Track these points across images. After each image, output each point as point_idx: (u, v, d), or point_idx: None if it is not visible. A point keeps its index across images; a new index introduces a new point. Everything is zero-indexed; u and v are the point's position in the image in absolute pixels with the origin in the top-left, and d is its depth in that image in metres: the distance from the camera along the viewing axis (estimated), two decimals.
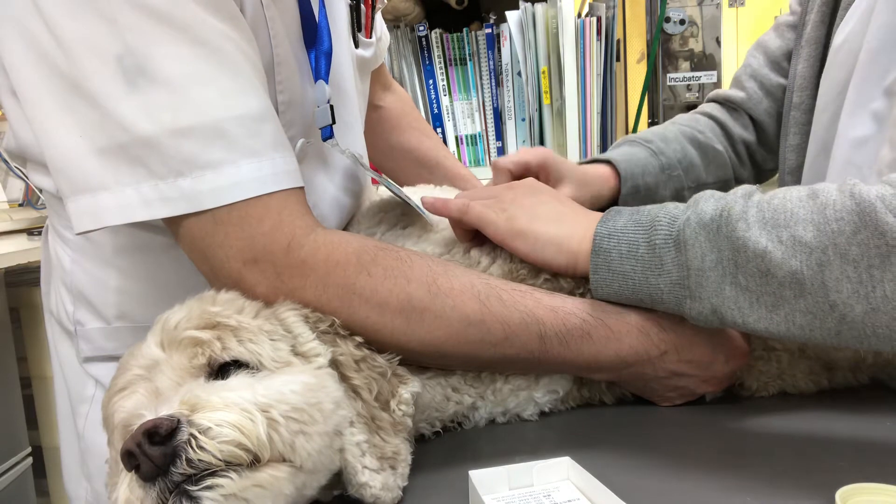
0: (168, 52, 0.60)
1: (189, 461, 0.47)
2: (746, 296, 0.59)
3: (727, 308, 0.60)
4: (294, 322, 0.60)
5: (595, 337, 0.66)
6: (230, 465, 0.48)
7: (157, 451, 0.47)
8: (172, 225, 0.65)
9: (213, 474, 0.47)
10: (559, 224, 0.70)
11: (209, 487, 0.47)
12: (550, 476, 0.56)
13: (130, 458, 0.47)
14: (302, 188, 0.66)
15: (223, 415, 0.49)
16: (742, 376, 0.74)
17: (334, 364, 0.59)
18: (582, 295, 0.72)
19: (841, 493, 0.49)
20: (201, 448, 0.47)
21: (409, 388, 0.62)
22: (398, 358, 0.64)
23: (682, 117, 1.11)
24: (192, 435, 0.47)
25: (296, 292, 0.63)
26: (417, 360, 0.66)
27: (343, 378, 0.59)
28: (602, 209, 0.71)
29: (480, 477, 0.54)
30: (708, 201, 0.63)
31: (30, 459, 1.87)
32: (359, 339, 0.63)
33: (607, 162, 0.95)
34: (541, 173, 0.85)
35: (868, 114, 0.81)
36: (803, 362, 0.73)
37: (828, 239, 0.56)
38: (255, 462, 0.49)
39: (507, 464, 0.56)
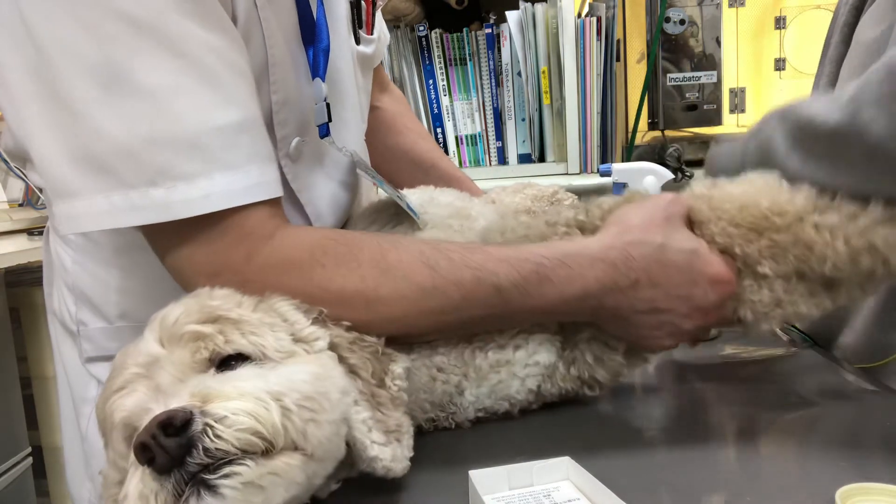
0: (147, 63, 0.59)
1: (206, 450, 0.47)
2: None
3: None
4: (289, 311, 0.60)
5: (555, 278, 0.65)
6: (246, 453, 0.48)
7: (172, 442, 0.47)
8: (146, 235, 0.65)
9: (229, 463, 0.47)
10: None
11: (227, 475, 0.47)
12: (550, 476, 0.56)
13: (145, 451, 0.47)
14: (277, 198, 0.66)
15: (238, 403, 0.49)
16: (736, 309, 0.69)
17: (332, 347, 0.60)
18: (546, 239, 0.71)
19: (841, 493, 0.49)
20: (218, 437, 0.47)
21: (400, 363, 0.63)
22: (383, 338, 0.64)
23: None
24: (207, 424, 0.47)
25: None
26: (395, 341, 0.67)
27: (340, 359, 0.60)
28: None
29: (480, 477, 0.54)
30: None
31: (30, 459, 1.87)
32: (346, 323, 0.63)
33: None
34: None
35: None
36: (801, 285, 0.68)
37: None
38: (268, 450, 0.49)
39: (507, 464, 0.55)
